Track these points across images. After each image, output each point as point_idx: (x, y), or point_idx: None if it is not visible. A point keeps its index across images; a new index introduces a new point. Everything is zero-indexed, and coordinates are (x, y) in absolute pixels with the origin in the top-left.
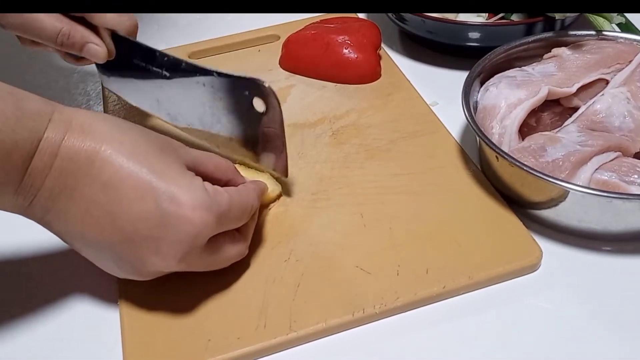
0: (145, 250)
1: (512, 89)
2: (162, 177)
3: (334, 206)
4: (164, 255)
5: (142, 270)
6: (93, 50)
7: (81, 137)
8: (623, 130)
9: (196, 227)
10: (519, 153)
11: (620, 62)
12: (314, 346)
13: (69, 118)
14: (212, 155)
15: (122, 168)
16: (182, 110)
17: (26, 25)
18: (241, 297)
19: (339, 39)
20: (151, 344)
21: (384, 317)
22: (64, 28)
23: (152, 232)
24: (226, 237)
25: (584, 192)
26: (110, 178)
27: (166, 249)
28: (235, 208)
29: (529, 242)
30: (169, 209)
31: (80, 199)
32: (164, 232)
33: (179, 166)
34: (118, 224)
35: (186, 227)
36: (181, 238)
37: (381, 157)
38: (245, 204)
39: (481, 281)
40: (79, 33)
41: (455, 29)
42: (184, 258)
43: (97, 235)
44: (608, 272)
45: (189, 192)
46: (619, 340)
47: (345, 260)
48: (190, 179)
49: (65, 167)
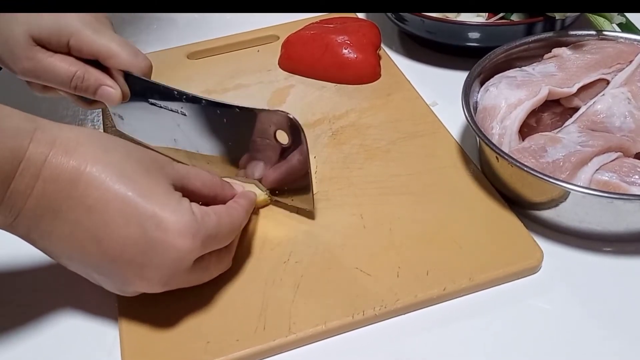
0: (129, 274)
1: (512, 89)
2: (149, 200)
3: (333, 207)
4: (148, 279)
5: (127, 291)
6: (107, 94)
7: (65, 158)
8: (624, 131)
9: (182, 253)
10: (519, 153)
11: (621, 62)
12: (313, 348)
13: (52, 137)
14: (200, 172)
15: (108, 191)
16: (202, 148)
17: (38, 70)
18: (240, 298)
19: (339, 39)
20: (150, 345)
21: (384, 319)
22: (78, 71)
23: (137, 258)
24: (212, 256)
25: (584, 193)
26: (95, 202)
27: (151, 274)
28: (223, 230)
29: (530, 243)
30: (155, 236)
31: (64, 221)
32: (149, 258)
33: (166, 187)
34: (103, 248)
35: (172, 254)
36: (167, 264)
37: (381, 158)
38: (233, 224)
39: (482, 283)
40: (93, 76)
41: (455, 29)
42: (169, 282)
43: (82, 257)
44: (609, 273)
45: (176, 217)
46: (620, 341)
47: (345, 262)
48: (178, 202)
49: (48, 189)
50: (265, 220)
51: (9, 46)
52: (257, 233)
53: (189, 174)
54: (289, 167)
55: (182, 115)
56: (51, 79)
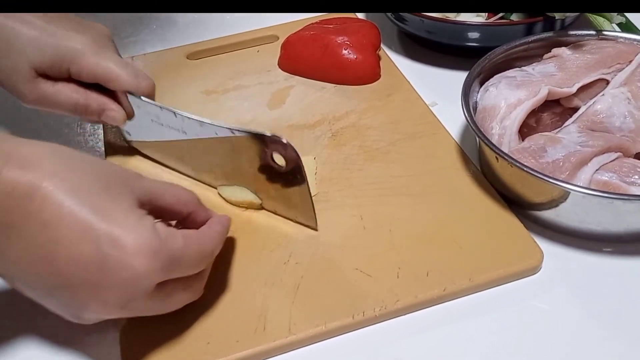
0: (84, 296)
1: (512, 89)
2: (105, 217)
3: (333, 208)
4: (104, 301)
5: (83, 317)
6: (111, 117)
7: (20, 172)
8: (624, 131)
9: (138, 273)
10: (519, 154)
11: (621, 62)
12: (313, 349)
13: (9, 150)
14: (173, 186)
15: (62, 207)
16: (206, 168)
17: (42, 101)
18: (240, 299)
19: (338, 39)
20: (150, 346)
21: (384, 320)
22: (80, 100)
23: (91, 277)
24: (178, 282)
25: (584, 193)
26: (50, 217)
27: (106, 294)
28: (190, 255)
29: (530, 244)
30: (110, 253)
31: (18, 238)
32: (103, 277)
33: (127, 204)
34: (55, 266)
35: (128, 273)
36: (122, 284)
37: (381, 159)
38: (203, 251)
39: (482, 283)
40: (95, 102)
41: (454, 29)
42: (126, 305)
43: (36, 279)
44: (609, 274)
45: (134, 234)
46: (620, 341)
47: (345, 263)
48: (138, 219)
49: (1, 203)
50: (266, 222)
51: (12, 82)
52: (257, 234)
53: (160, 189)
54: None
55: (183, 134)
56: (56, 108)
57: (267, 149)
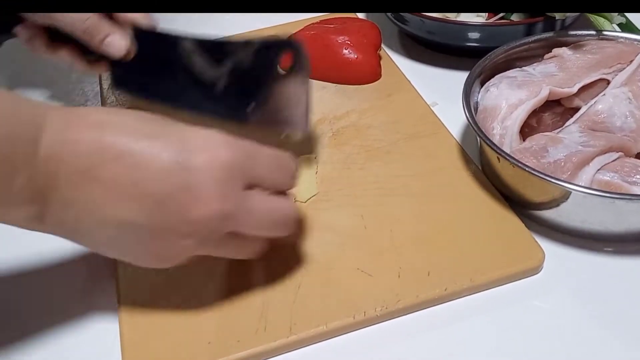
0: (177, 208)
1: (512, 89)
2: (175, 126)
3: (334, 207)
4: (204, 200)
5: (168, 250)
6: (116, 41)
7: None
8: (625, 131)
9: (226, 163)
10: (521, 154)
11: (621, 62)
12: (314, 349)
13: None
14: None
15: (135, 132)
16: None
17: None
18: (241, 299)
19: (339, 39)
20: (150, 346)
21: (385, 320)
22: (92, 17)
23: (180, 181)
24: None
25: (586, 193)
26: (123, 147)
27: (199, 192)
28: (265, 157)
29: (531, 244)
30: (190, 157)
31: (96, 180)
32: (189, 176)
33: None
34: (141, 188)
35: (215, 164)
36: (214, 175)
37: (381, 158)
38: (284, 166)
39: (483, 283)
40: (105, 24)
41: (455, 29)
42: (226, 197)
43: (122, 213)
44: (610, 274)
45: (209, 132)
46: (622, 341)
47: (346, 263)
48: (204, 128)
49: (74, 150)
50: None
51: None
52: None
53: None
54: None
55: (187, 63)
56: (66, 21)
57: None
